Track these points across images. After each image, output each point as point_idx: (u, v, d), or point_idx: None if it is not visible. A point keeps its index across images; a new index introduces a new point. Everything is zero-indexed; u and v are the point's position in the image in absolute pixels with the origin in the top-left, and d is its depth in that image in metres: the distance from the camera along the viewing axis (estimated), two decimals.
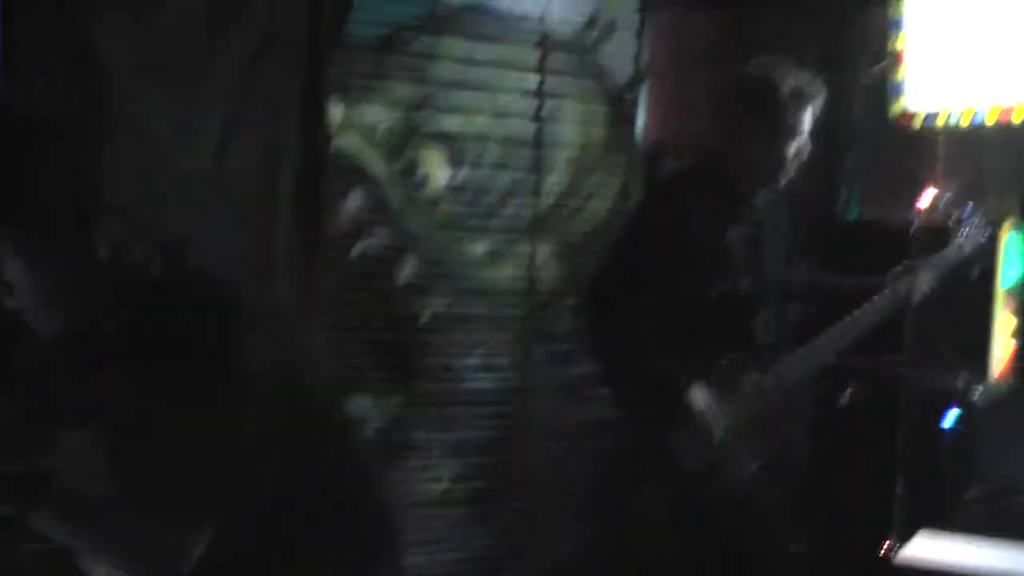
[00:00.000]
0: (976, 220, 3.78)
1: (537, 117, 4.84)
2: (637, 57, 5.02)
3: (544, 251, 4.89)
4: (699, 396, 3.38)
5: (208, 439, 2.09)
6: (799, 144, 3.53)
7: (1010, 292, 4.21)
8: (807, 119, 3.52)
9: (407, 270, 4.65)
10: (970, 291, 4.03)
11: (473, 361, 4.82)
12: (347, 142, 4.48)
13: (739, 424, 3.44)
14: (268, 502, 2.20)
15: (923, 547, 3.33)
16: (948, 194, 3.93)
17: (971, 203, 3.81)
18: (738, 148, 3.56)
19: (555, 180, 4.91)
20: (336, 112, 4.40)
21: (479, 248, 4.80)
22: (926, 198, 3.97)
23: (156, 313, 2.12)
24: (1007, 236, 4.06)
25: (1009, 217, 4.12)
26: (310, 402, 2.30)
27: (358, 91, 4.51)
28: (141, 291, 2.14)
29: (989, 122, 3.98)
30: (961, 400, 3.72)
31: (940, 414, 3.68)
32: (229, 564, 2.17)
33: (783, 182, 3.59)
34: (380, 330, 4.59)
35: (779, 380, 3.52)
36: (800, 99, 3.51)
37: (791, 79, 3.52)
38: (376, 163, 4.58)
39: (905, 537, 3.42)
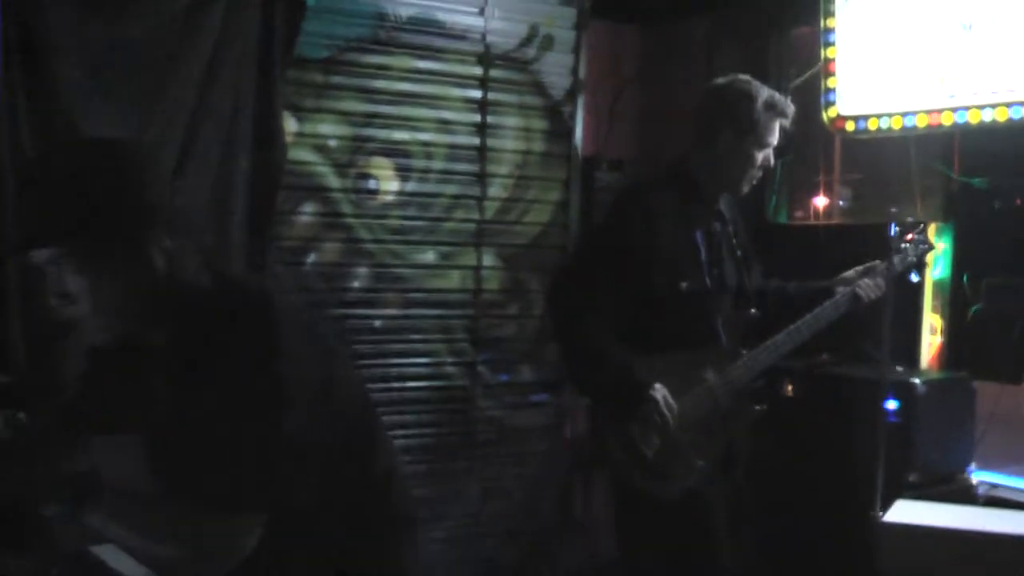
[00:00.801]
0: (922, 228, 4.00)
1: (481, 129, 5.01)
2: (574, 72, 5.21)
3: (488, 259, 5.04)
4: (658, 392, 3.53)
5: (255, 441, 2.18)
6: (766, 155, 3.71)
7: (937, 289, 4.47)
8: (777, 131, 3.72)
9: (359, 280, 4.78)
10: (898, 290, 4.26)
11: (421, 368, 4.95)
12: (300, 156, 4.59)
13: (691, 420, 3.61)
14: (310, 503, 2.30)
15: (901, 512, 3.57)
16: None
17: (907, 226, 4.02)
18: (708, 153, 3.72)
19: (498, 191, 5.07)
20: (289, 127, 4.52)
21: (428, 257, 4.94)
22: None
23: (206, 319, 2.22)
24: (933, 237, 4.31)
25: (933, 219, 4.36)
26: (342, 407, 2.40)
27: (310, 107, 4.63)
28: (192, 299, 2.23)
29: (919, 126, 4.22)
30: (899, 392, 3.93)
31: (879, 406, 3.88)
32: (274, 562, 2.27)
33: (746, 190, 3.77)
34: (335, 338, 4.69)
35: (730, 380, 3.69)
36: (773, 112, 3.70)
37: (766, 94, 3.71)
38: (328, 176, 4.70)
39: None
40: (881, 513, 3.57)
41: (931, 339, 4.50)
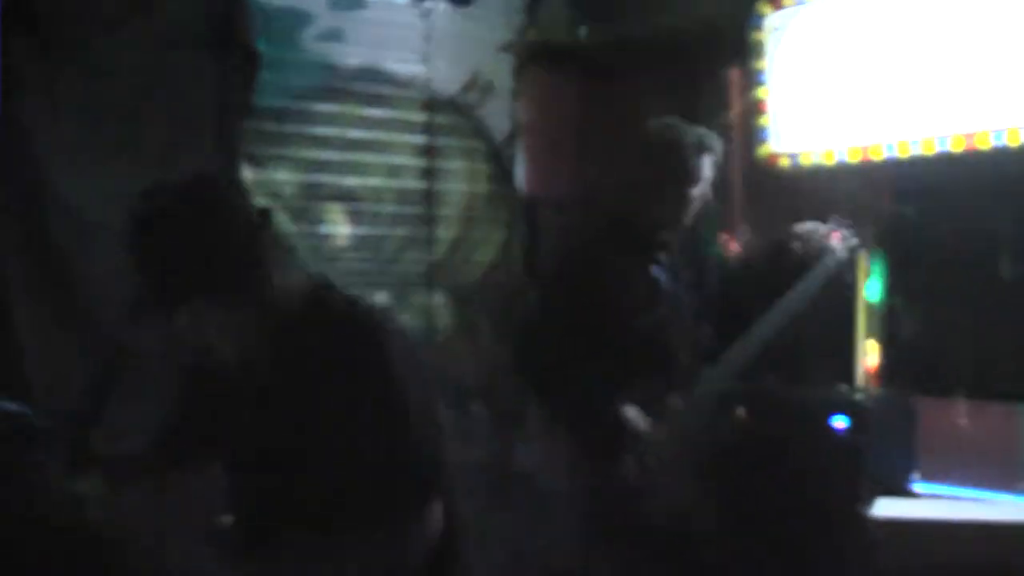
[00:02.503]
0: (839, 239, 4.25)
1: (427, 174, 5.18)
2: (512, 116, 5.41)
3: (439, 298, 5.20)
4: (634, 419, 3.73)
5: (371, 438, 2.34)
6: (702, 189, 3.94)
7: (871, 311, 4.72)
8: (708, 166, 3.95)
9: None
10: (835, 313, 4.52)
11: None
12: (257, 202, 4.69)
13: (667, 443, 3.80)
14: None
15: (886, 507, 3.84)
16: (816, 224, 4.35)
17: (833, 224, 4.28)
18: (647, 196, 3.94)
19: (445, 232, 5.24)
20: (246, 175, 4.63)
21: (380, 298, 5.06)
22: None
23: (313, 332, 2.37)
24: (866, 261, 4.58)
25: (866, 245, 4.61)
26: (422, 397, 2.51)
27: (265, 156, 4.76)
28: (299, 315, 2.39)
29: (851, 160, 4.49)
30: (849, 408, 4.17)
31: (827, 423, 4.12)
32: None
33: (689, 223, 4.00)
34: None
35: (695, 404, 3.90)
36: (700, 150, 3.93)
37: (691, 134, 3.95)
38: (284, 222, 4.82)
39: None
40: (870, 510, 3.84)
41: (866, 359, 4.76)
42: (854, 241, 4.26)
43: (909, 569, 3.65)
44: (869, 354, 4.68)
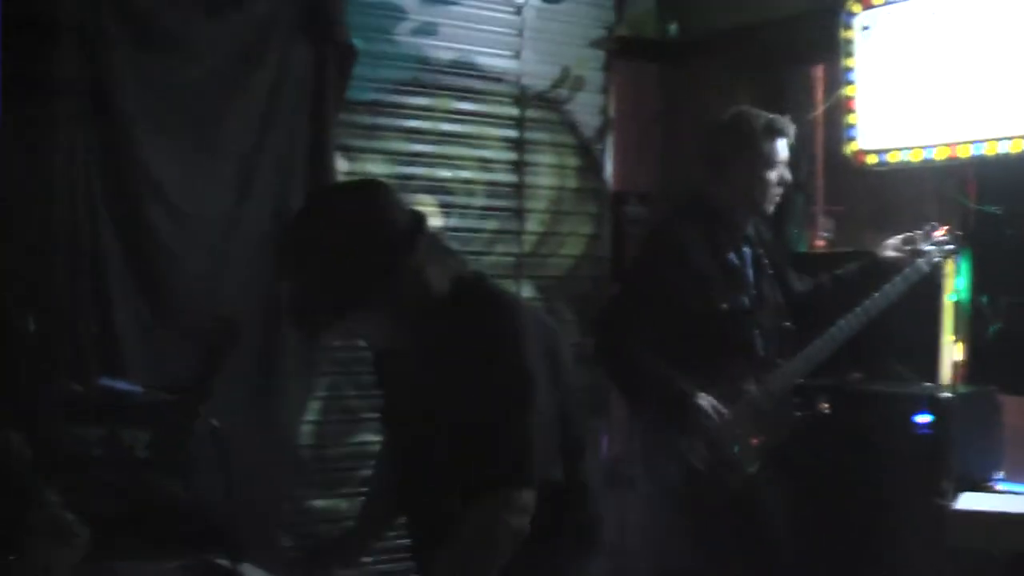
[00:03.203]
0: (934, 243, 4.29)
1: (517, 167, 5.28)
2: (603, 111, 5.50)
3: (527, 291, 5.29)
4: (703, 400, 3.82)
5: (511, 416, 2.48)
6: (778, 173, 4.02)
7: (957, 309, 4.73)
8: (781, 149, 4.03)
9: None
10: (921, 312, 4.54)
11: None
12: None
13: (737, 429, 3.89)
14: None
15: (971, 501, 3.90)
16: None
17: (927, 227, 4.31)
18: (725, 182, 4.03)
19: (535, 225, 5.34)
20: (340, 167, 4.75)
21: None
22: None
23: (459, 319, 2.55)
24: (954, 260, 4.59)
25: (958, 247, 4.62)
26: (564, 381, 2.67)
27: (357, 147, 4.88)
28: (443, 304, 2.57)
29: (938, 159, 4.51)
30: (931, 406, 4.19)
31: (911, 419, 4.15)
32: None
33: (771, 208, 4.07)
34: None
35: (770, 390, 3.98)
36: (772, 132, 4.01)
37: (764, 118, 4.02)
38: None
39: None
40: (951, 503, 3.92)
41: (951, 357, 4.78)
42: (950, 247, 4.29)
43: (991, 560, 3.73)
44: (954, 352, 4.71)
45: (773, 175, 4.04)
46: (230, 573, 2.56)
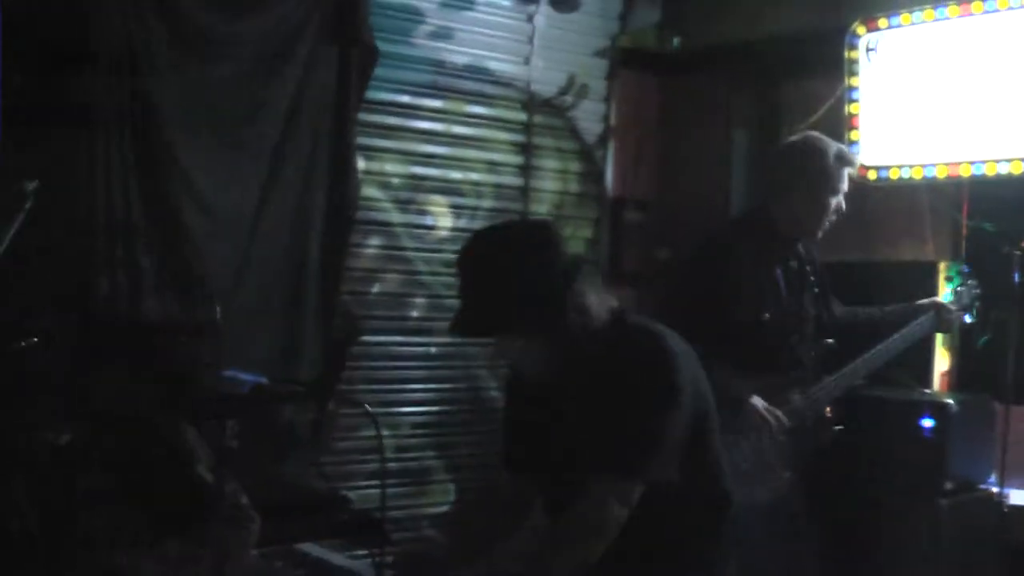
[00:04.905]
0: (971, 278, 4.52)
1: (523, 171, 5.42)
2: (605, 118, 5.66)
3: None
4: (760, 406, 3.98)
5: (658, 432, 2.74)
6: (839, 200, 4.18)
7: None
8: (846, 180, 4.19)
9: (416, 309, 5.12)
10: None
11: (466, 392, 5.32)
12: (366, 192, 4.91)
13: (781, 436, 4.05)
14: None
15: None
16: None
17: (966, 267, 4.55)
18: (786, 204, 4.17)
19: None
20: (359, 166, 4.84)
21: None
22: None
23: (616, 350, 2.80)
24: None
25: (942, 258, 4.84)
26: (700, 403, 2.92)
27: (374, 146, 4.98)
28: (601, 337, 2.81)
29: (939, 177, 4.73)
30: (934, 411, 4.41)
31: (916, 423, 4.37)
32: None
33: (821, 233, 4.24)
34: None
35: (814, 401, 4.15)
36: (842, 163, 4.17)
37: (835, 148, 4.19)
38: (391, 211, 5.05)
39: None
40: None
41: (942, 366, 5.01)
42: (977, 290, 4.51)
43: None
44: (944, 362, 4.95)
45: (834, 202, 4.15)
46: (307, 558, 2.67)
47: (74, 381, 2.81)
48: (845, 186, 4.16)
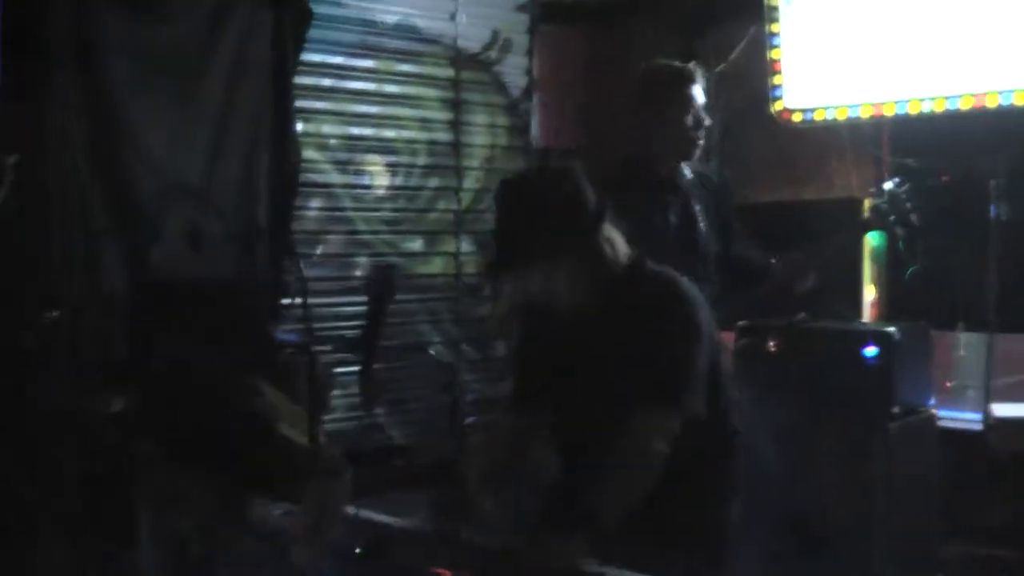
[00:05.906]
0: (899, 198, 4.63)
1: (454, 126, 5.47)
2: (529, 72, 5.73)
3: (466, 245, 5.49)
4: None
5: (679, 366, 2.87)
6: (695, 116, 4.21)
7: (872, 257, 5.16)
8: (695, 95, 4.22)
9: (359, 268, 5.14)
10: (845, 259, 4.94)
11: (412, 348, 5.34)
12: (306, 155, 4.90)
13: None
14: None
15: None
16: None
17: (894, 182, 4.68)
18: (643, 133, 4.25)
19: (471, 182, 5.54)
20: (298, 128, 4.83)
21: (416, 245, 5.34)
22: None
23: (643, 286, 2.95)
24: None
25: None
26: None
27: (310, 108, 4.97)
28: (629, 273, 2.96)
29: (864, 116, 4.91)
30: (877, 340, 4.58)
31: (860, 351, 4.55)
32: None
33: (694, 153, 4.29)
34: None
35: None
36: (682, 79, 4.24)
37: (669, 66, 4.31)
38: (330, 173, 5.05)
39: None
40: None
41: (870, 296, 5.22)
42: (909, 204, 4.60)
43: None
44: (872, 292, 5.16)
45: (689, 119, 4.20)
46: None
47: (137, 348, 2.79)
48: (694, 101, 4.20)
